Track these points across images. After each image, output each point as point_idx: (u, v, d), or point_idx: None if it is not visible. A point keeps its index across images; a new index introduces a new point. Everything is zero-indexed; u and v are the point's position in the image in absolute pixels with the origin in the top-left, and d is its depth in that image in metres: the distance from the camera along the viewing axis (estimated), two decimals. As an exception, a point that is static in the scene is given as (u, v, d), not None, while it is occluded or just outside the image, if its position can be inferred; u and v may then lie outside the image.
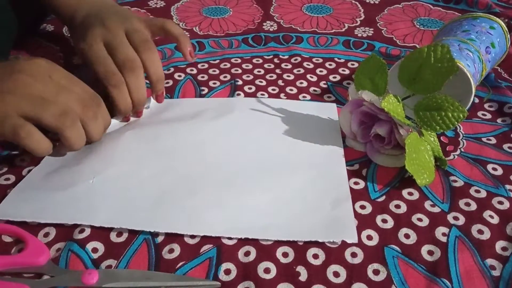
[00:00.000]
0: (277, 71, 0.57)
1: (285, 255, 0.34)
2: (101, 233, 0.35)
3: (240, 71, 0.57)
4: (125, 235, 0.35)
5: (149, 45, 0.46)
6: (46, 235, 0.35)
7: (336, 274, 0.33)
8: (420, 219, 0.37)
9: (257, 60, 0.59)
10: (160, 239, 0.35)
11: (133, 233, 0.36)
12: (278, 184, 0.39)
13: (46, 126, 0.37)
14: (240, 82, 0.55)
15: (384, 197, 0.39)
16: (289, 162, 0.41)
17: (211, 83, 0.55)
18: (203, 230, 0.35)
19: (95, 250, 0.34)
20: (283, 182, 0.39)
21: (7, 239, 0.35)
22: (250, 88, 0.54)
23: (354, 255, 0.34)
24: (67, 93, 0.38)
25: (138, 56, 0.45)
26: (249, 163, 0.41)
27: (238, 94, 0.52)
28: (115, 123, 0.46)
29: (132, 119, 0.48)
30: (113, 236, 0.35)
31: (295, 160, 0.41)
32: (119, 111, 0.45)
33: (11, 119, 0.36)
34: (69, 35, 0.56)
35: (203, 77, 0.56)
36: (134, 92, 0.44)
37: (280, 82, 0.55)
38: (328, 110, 0.49)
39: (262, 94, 0.52)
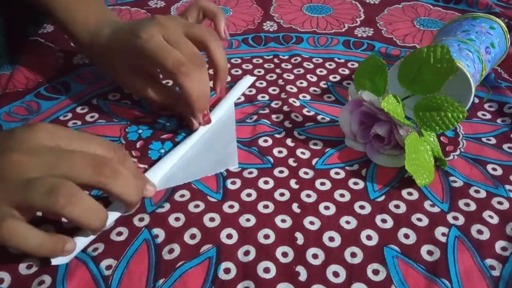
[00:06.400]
0: (277, 70, 0.57)
1: (284, 255, 0.34)
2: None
3: (240, 71, 0.57)
4: (125, 235, 0.35)
5: (213, 33, 0.45)
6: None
7: (336, 274, 0.33)
8: (419, 219, 0.37)
9: (257, 60, 0.59)
10: (160, 239, 0.35)
11: (133, 233, 0.36)
12: (189, 150, 0.45)
13: (41, 211, 0.31)
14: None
15: (383, 197, 0.39)
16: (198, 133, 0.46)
17: (211, 84, 0.55)
18: None
19: (95, 249, 0.34)
20: (193, 148, 0.45)
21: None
22: (250, 91, 0.53)
23: (353, 255, 0.34)
24: (68, 158, 0.31)
25: (205, 45, 0.44)
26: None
27: (239, 98, 0.52)
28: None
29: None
30: (113, 235, 0.35)
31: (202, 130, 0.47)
32: (193, 101, 0.42)
33: None
34: (84, 54, 0.53)
35: (203, 77, 0.56)
36: (201, 86, 0.43)
37: (280, 82, 0.55)
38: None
39: (262, 96, 0.52)
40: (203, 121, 0.45)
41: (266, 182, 0.41)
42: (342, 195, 0.39)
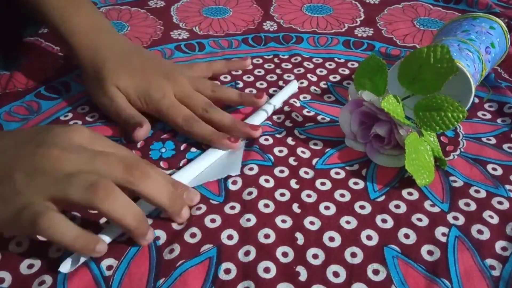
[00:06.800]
0: (277, 71, 0.57)
1: (285, 255, 0.34)
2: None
3: (240, 71, 0.57)
4: (126, 235, 0.35)
5: (215, 85, 0.50)
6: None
7: (336, 274, 0.33)
8: (419, 219, 0.37)
9: (257, 60, 0.59)
10: (161, 241, 0.35)
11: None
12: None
13: (76, 204, 0.31)
14: (241, 85, 0.55)
15: (383, 197, 0.39)
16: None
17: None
18: None
19: (95, 250, 0.34)
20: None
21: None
22: (250, 91, 0.53)
23: (354, 255, 0.34)
24: (103, 157, 0.33)
25: (213, 97, 0.48)
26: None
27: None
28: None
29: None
30: (113, 236, 0.35)
31: None
32: (209, 142, 0.44)
33: (31, 208, 0.30)
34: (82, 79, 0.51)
35: (203, 77, 0.56)
36: (223, 121, 0.45)
37: (280, 82, 0.55)
38: None
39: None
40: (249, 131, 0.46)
41: (266, 181, 0.41)
42: (342, 195, 0.40)
